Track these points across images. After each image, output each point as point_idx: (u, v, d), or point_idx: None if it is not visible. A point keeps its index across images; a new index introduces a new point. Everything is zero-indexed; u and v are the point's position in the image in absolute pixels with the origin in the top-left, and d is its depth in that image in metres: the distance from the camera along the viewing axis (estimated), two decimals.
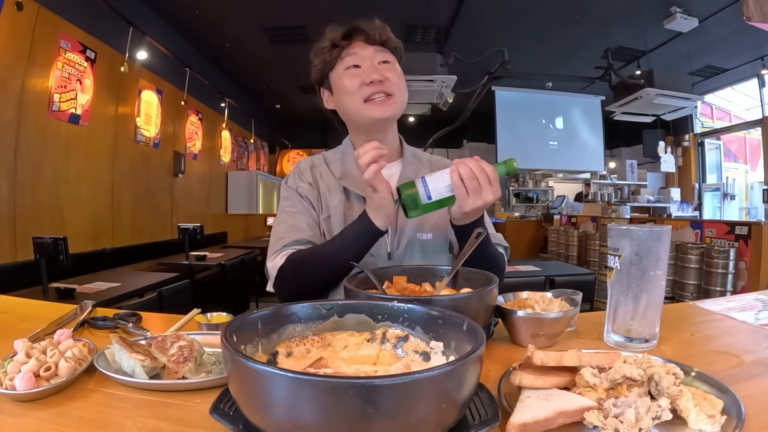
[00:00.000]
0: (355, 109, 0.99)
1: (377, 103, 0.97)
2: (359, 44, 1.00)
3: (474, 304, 0.65)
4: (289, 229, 1.00)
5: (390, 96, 0.98)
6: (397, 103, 1.00)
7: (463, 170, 0.81)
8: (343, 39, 0.99)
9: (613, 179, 7.80)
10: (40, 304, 1.05)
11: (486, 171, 0.82)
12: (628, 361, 0.51)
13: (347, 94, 0.98)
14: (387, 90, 0.97)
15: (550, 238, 6.24)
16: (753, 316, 0.89)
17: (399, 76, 1.01)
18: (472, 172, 0.81)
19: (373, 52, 0.99)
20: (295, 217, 1.02)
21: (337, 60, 1.00)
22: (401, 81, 1.01)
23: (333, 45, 0.99)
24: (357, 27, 1.00)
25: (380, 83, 0.96)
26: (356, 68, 0.98)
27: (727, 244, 3.60)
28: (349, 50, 0.99)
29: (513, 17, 4.90)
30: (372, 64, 0.98)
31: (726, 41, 5.17)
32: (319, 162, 1.11)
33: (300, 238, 0.98)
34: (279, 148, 9.72)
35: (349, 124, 1.06)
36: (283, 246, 0.97)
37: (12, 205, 3.00)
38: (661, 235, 0.70)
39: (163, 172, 5.06)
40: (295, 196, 1.05)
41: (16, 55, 2.97)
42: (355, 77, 0.97)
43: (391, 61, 1.01)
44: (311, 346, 0.54)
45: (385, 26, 1.02)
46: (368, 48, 0.99)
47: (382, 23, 1.02)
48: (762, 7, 2.54)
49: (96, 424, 0.50)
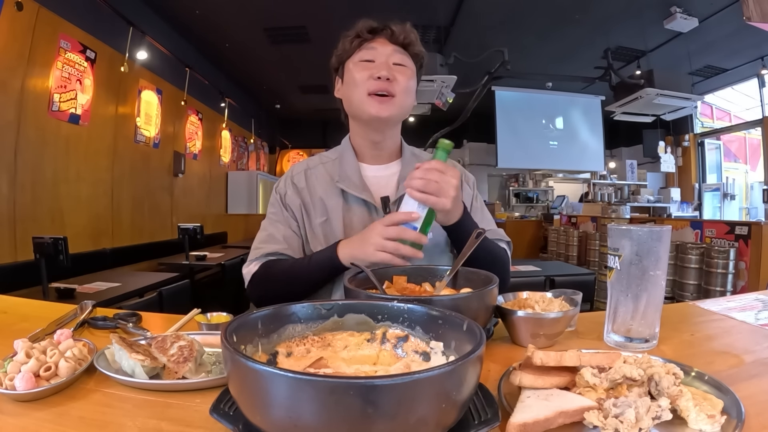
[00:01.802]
0: (357, 100, 0.99)
1: (378, 100, 0.97)
2: (381, 41, 1.01)
3: (474, 304, 0.65)
4: (266, 239, 1.04)
5: (392, 97, 0.98)
6: (398, 106, 0.99)
7: (415, 184, 0.82)
8: (368, 32, 1.00)
9: (613, 179, 7.79)
10: (40, 304, 1.05)
11: (433, 168, 0.83)
12: (628, 361, 0.51)
13: (354, 84, 0.99)
14: (391, 90, 0.97)
15: (550, 238, 6.24)
16: (753, 316, 0.89)
17: (408, 80, 1.00)
18: (423, 180, 0.82)
19: (391, 51, 1.00)
20: (274, 227, 1.05)
21: (355, 50, 1.01)
22: (409, 86, 1.01)
23: (357, 35, 1.01)
24: (385, 25, 1.01)
25: (387, 81, 0.96)
26: (370, 62, 0.99)
27: (727, 244, 3.60)
28: (370, 44, 1.00)
29: (513, 17, 4.89)
30: (386, 61, 0.99)
31: (726, 41, 5.17)
32: (314, 164, 1.11)
33: (273, 251, 1.02)
34: (279, 148, 9.72)
35: (351, 116, 1.06)
36: (257, 256, 1.02)
37: (12, 205, 3.00)
38: (661, 235, 0.70)
39: (163, 172, 5.06)
40: (278, 204, 1.08)
41: (16, 55, 2.97)
42: (366, 69, 0.98)
43: (406, 65, 1.01)
44: (311, 346, 0.54)
45: (414, 32, 1.03)
46: (388, 46, 1.00)
47: (412, 28, 1.03)
48: (762, 7, 2.54)
49: (96, 424, 0.50)
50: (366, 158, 1.08)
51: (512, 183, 9.27)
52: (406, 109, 1.02)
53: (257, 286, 1.01)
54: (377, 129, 1.03)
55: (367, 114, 0.99)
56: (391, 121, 1.02)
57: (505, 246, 1.08)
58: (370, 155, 1.08)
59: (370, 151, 1.07)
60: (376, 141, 1.06)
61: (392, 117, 1.00)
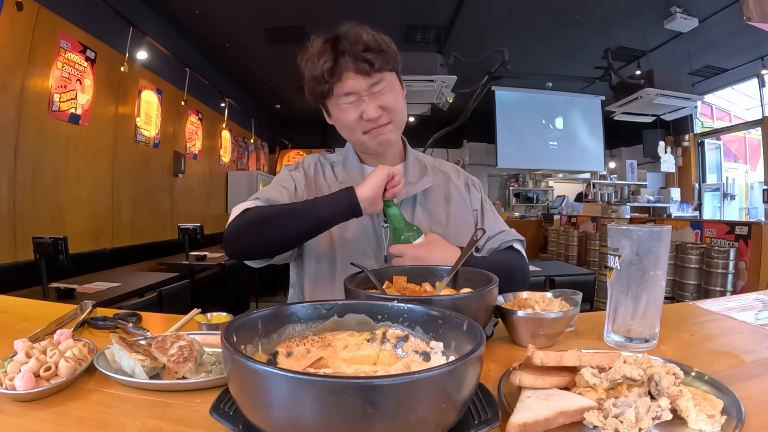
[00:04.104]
0: (355, 140, 1.02)
1: (374, 134, 0.98)
2: (350, 76, 0.93)
3: (474, 304, 0.65)
4: (270, 192, 1.02)
5: (389, 124, 0.98)
6: (397, 127, 1.01)
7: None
8: (331, 77, 0.92)
9: (613, 179, 7.79)
10: (40, 304, 1.05)
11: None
12: (628, 361, 0.51)
13: (346, 129, 0.99)
14: (385, 120, 0.97)
15: (550, 238, 6.25)
16: (753, 316, 0.89)
17: (395, 98, 0.97)
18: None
19: (367, 84, 0.93)
20: (279, 190, 1.03)
21: (330, 93, 0.95)
22: (399, 100, 0.99)
23: (322, 79, 0.93)
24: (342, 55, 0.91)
25: (378, 117, 0.96)
26: (353, 97, 0.94)
27: (727, 244, 3.60)
28: (342, 87, 0.93)
29: (513, 17, 4.89)
30: (369, 97, 0.94)
31: (726, 41, 5.16)
32: (324, 162, 1.13)
33: (275, 201, 0.99)
34: (279, 148, 9.71)
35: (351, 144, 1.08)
36: (257, 197, 1.00)
37: (12, 205, 3.00)
38: (661, 235, 0.70)
39: (163, 172, 5.06)
40: (288, 178, 1.07)
41: (16, 55, 2.96)
42: (354, 109, 0.95)
43: (387, 82, 0.96)
44: (311, 346, 0.54)
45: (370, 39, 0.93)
46: (359, 81, 0.93)
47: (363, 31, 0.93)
48: (762, 7, 2.54)
49: (96, 424, 0.50)
50: (369, 162, 1.09)
51: (512, 183, 9.27)
52: (403, 122, 1.03)
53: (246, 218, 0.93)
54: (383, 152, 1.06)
55: (370, 150, 1.02)
56: (393, 143, 1.04)
57: (519, 247, 1.09)
58: (374, 160, 1.09)
59: (373, 156, 1.09)
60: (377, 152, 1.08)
61: (393, 141, 1.02)
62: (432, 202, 1.08)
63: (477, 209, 1.12)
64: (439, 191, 1.10)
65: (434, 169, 1.14)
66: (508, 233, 1.10)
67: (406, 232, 0.92)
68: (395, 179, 0.87)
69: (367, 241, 1.02)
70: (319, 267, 1.01)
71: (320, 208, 0.87)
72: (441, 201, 1.09)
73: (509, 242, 1.09)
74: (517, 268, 1.03)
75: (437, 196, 1.09)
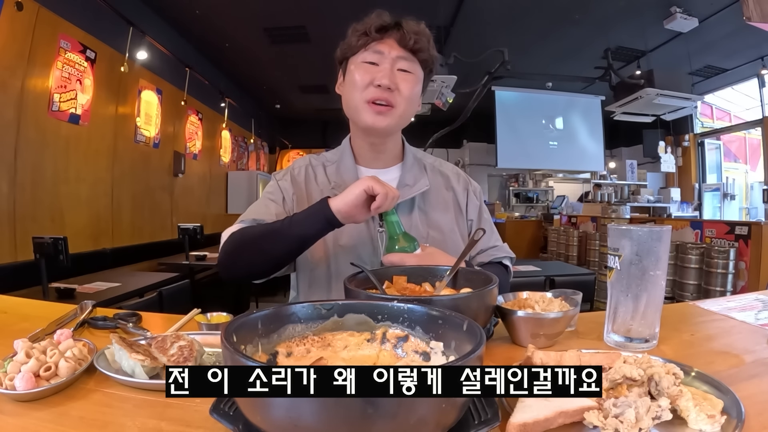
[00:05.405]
0: (355, 105, 0.96)
1: (376, 109, 0.94)
2: (389, 42, 0.95)
3: (474, 304, 0.65)
4: (255, 210, 1.01)
5: (392, 107, 0.94)
6: (397, 116, 0.96)
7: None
8: (376, 31, 0.94)
9: (613, 179, 7.79)
10: (40, 304, 1.05)
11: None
12: (628, 361, 0.51)
13: (354, 87, 0.95)
14: (392, 100, 0.94)
15: (550, 238, 6.24)
16: (753, 316, 0.89)
17: (413, 88, 0.96)
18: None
19: (397, 56, 0.94)
20: (266, 206, 1.02)
21: (360, 49, 0.95)
22: (413, 94, 0.97)
23: (365, 33, 0.95)
24: (397, 23, 0.95)
25: (388, 90, 0.93)
26: (373, 65, 0.94)
27: (727, 244, 3.60)
28: (376, 45, 0.94)
29: (513, 17, 4.89)
30: (391, 67, 0.94)
31: (726, 41, 5.16)
32: (316, 163, 1.09)
33: (261, 220, 0.98)
34: (279, 148, 9.71)
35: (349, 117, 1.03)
36: (241, 220, 0.99)
37: (12, 205, 3.00)
38: (661, 235, 0.70)
39: (163, 172, 5.05)
40: (276, 189, 1.05)
41: (16, 55, 2.96)
42: (368, 73, 0.94)
43: (412, 72, 0.96)
44: (311, 346, 0.54)
45: (427, 35, 0.97)
46: (395, 50, 0.94)
47: (425, 30, 0.97)
48: (762, 7, 2.54)
49: (96, 424, 0.50)
50: (365, 161, 1.06)
51: (512, 183, 9.27)
52: (406, 118, 0.99)
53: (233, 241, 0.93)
54: (377, 134, 1.01)
55: (362, 122, 0.96)
56: (388, 131, 1.00)
57: (508, 263, 1.09)
58: (370, 159, 1.05)
59: (370, 154, 1.05)
60: (375, 144, 1.04)
61: (389, 128, 0.98)
62: (431, 205, 1.05)
63: (473, 219, 1.09)
64: (438, 194, 1.07)
65: (434, 170, 1.11)
66: (501, 249, 1.08)
67: (402, 243, 0.89)
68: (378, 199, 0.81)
69: (362, 246, 0.99)
70: (314, 274, 1.00)
71: (297, 228, 0.85)
72: (440, 205, 1.06)
73: (500, 258, 1.07)
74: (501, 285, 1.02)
75: (436, 199, 1.06)
